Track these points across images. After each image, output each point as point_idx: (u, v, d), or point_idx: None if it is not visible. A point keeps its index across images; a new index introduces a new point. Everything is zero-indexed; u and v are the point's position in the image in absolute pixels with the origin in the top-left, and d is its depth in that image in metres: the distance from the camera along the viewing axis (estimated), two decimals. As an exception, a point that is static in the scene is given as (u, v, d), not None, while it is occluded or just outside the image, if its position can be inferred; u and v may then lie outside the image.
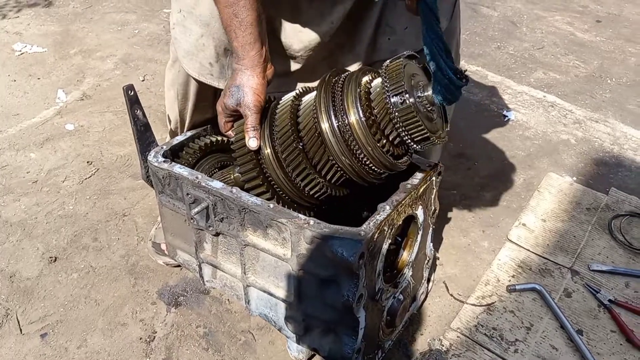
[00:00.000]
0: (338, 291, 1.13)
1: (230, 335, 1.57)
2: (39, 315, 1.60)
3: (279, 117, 1.20)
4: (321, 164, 1.15)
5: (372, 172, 1.15)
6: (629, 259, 1.84)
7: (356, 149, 1.11)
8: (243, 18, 1.16)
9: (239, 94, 1.21)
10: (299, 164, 1.16)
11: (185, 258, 1.46)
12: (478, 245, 1.91)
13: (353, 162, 1.13)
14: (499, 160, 2.34)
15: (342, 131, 1.11)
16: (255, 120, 1.20)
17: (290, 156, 1.16)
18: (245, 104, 1.21)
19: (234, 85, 1.22)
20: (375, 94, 1.09)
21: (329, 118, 1.11)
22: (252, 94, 1.20)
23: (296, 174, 1.18)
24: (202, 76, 1.41)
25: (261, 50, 1.21)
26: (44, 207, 1.98)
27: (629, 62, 3.22)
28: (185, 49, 1.40)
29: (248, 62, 1.21)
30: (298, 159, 1.16)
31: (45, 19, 3.38)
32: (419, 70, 1.14)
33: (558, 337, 1.58)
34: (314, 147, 1.14)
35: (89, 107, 2.56)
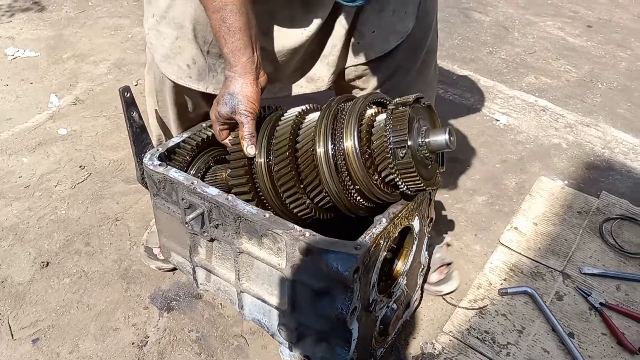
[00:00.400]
0: (332, 303, 1.12)
1: (222, 340, 1.57)
2: (30, 321, 1.59)
3: (279, 130, 1.20)
4: (311, 186, 1.16)
5: (359, 203, 1.16)
6: (619, 262, 1.85)
7: (347, 179, 1.12)
8: (231, 23, 1.16)
9: (233, 102, 1.20)
10: (289, 180, 1.16)
11: (179, 260, 1.46)
12: (470, 249, 1.92)
13: (341, 192, 1.14)
14: (491, 164, 2.35)
15: (336, 159, 1.12)
16: (251, 127, 1.20)
17: (282, 171, 1.16)
18: (240, 112, 1.20)
19: (227, 93, 1.21)
20: (376, 136, 1.10)
21: (325, 144, 1.12)
22: (246, 102, 1.20)
23: (284, 189, 1.18)
24: (180, 79, 1.40)
25: (252, 57, 1.20)
26: (36, 211, 1.97)
27: (619, 67, 3.25)
28: (162, 53, 1.39)
29: (240, 69, 1.20)
30: (289, 175, 1.16)
31: (38, 24, 3.37)
32: (424, 114, 1.16)
33: (550, 340, 1.59)
34: (307, 169, 1.15)
35: (81, 112, 2.55)
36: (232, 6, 1.14)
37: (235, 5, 1.14)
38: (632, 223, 2.01)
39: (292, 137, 1.17)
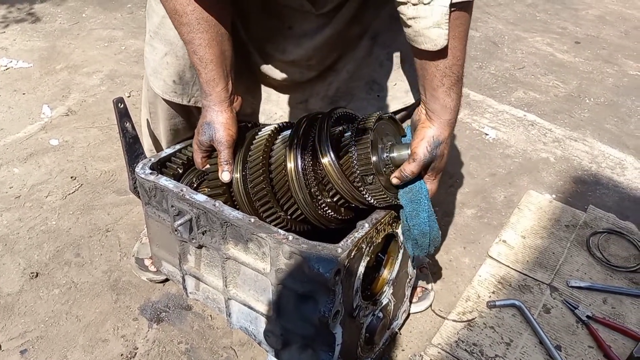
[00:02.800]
0: (315, 307, 1.14)
1: (212, 352, 1.57)
2: (19, 331, 1.59)
3: (254, 147, 1.25)
4: (284, 200, 1.21)
5: (329, 216, 1.21)
6: (606, 276, 1.87)
7: (317, 195, 1.18)
8: (202, 56, 1.18)
9: (211, 131, 1.24)
10: (263, 196, 1.21)
11: (170, 269, 1.47)
12: (459, 262, 1.93)
13: (311, 206, 1.19)
14: (480, 178, 2.38)
15: (306, 176, 1.17)
16: (227, 154, 1.24)
17: (256, 187, 1.21)
18: (217, 140, 1.24)
19: (205, 123, 1.25)
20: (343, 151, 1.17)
21: (295, 160, 1.17)
22: (222, 130, 1.23)
23: (260, 203, 1.22)
24: (166, 94, 1.43)
25: (227, 86, 1.24)
26: (26, 222, 1.97)
27: (606, 83, 3.30)
28: (152, 67, 1.42)
29: (215, 98, 1.23)
30: (263, 191, 1.21)
31: (31, 35, 3.39)
32: (388, 127, 1.23)
33: (537, 353, 1.60)
34: (280, 183, 1.20)
35: (74, 123, 2.56)
36: (200, 40, 1.16)
37: (203, 39, 1.16)
38: (619, 237, 2.03)
39: (266, 153, 1.22)
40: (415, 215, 1.21)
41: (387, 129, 1.22)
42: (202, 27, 1.15)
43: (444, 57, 1.08)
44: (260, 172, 1.20)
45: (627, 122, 2.89)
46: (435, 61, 1.09)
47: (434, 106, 1.14)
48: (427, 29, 1.04)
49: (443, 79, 1.11)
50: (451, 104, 1.14)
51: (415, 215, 1.21)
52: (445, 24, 1.03)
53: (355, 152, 1.12)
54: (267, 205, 1.22)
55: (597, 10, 4.48)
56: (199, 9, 1.13)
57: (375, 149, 1.16)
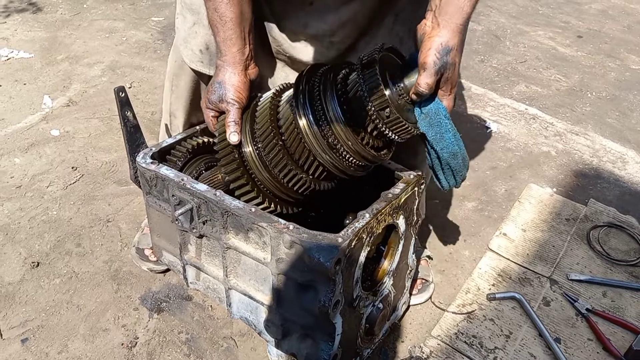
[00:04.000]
0: (315, 296, 1.14)
1: (212, 342, 1.57)
2: (20, 320, 1.59)
3: (259, 115, 1.21)
4: (302, 160, 1.16)
5: (354, 165, 1.16)
6: (606, 269, 1.88)
7: (336, 144, 1.12)
8: (222, 12, 1.18)
9: (221, 90, 1.23)
10: (280, 160, 1.17)
11: (170, 259, 1.47)
12: (459, 254, 1.93)
13: (334, 158, 1.14)
14: (481, 171, 2.37)
15: (320, 127, 1.12)
16: (235, 114, 1.22)
17: (271, 153, 1.17)
18: (226, 100, 1.23)
19: (216, 82, 1.24)
20: (352, 92, 1.11)
21: (306, 115, 1.12)
22: (233, 90, 1.22)
23: (279, 170, 1.18)
24: (192, 63, 1.43)
25: (243, 49, 1.23)
26: (27, 212, 1.97)
27: (608, 77, 3.29)
28: (182, 36, 1.44)
29: (229, 59, 1.23)
30: (279, 155, 1.17)
31: (32, 25, 3.38)
32: (394, 60, 1.17)
33: (536, 345, 1.60)
34: (295, 144, 1.15)
35: (74, 113, 2.56)
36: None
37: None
38: (619, 230, 2.04)
39: (273, 118, 1.18)
40: (440, 139, 1.15)
41: (392, 61, 1.17)
42: None
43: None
44: (272, 137, 1.16)
45: (629, 116, 2.89)
46: None
47: (448, 8, 1.09)
48: None
49: None
50: (467, 4, 1.09)
51: (440, 138, 1.15)
52: None
53: (365, 89, 1.06)
54: (287, 170, 1.18)
55: (600, 4, 4.46)
56: None
57: (385, 82, 1.10)
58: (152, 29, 3.43)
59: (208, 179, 1.36)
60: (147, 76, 2.88)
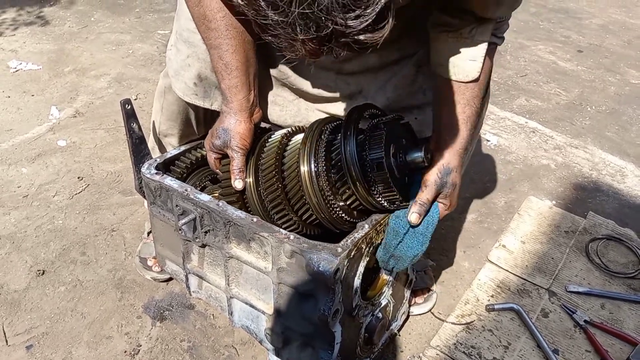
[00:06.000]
0: (315, 305, 1.16)
1: (213, 350, 1.59)
2: (25, 327, 1.62)
3: (266, 152, 1.25)
4: (297, 204, 1.21)
5: (341, 219, 1.21)
6: (604, 281, 1.89)
7: (329, 196, 1.17)
8: (228, 61, 1.19)
9: (226, 137, 1.23)
10: (276, 198, 1.21)
11: (174, 268, 1.50)
12: (459, 265, 1.95)
13: (323, 207, 1.18)
14: (481, 183, 2.40)
15: (319, 178, 1.16)
16: (240, 162, 1.23)
17: (269, 190, 1.21)
18: (231, 147, 1.23)
19: (221, 128, 1.24)
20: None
21: (309, 163, 1.16)
22: (238, 138, 1.23)
23: (272, 206, 1.22)
24: (186, 96, 1.43)
25: (249, 95, 1.24)
26: (33, 221, 2.01)
27: (608, 91, 3.32)
28: (174, 68, 1.44)
29: (235, 106, 1.23)
30: (276, 193, 1.21)
31: (41, 38, 3.44)
32: (404, 133, 1.22)
33: (535, 356, 1.61)
34: (293, 188, 1.19)
35: (81, 124, 2.60)
36: (227, 46, 1.17)
37: (231, 45, 1.17)
38: (618, 243, 2.05)
39: (278, 157, 1.22)
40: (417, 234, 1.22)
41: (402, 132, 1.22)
42: (230, 34, 1.16)
43: (471, 88, 1.14)
44: (273, 176, 1.20)
45: (628, 130, 2.91)
46: (462, 91, 1.15)
47: (448, 135, 1.17)
48: (464, 61, 1.09)
49: (465, 107, 1.17)
50: (466, 133, 1.18)
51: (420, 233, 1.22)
52: (481, 57, 1.10)
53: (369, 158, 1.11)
54: (279, 208, 1.22)
55: (601, 19, 4.51)
56: (229, 16, 1.14)
57: (387, 152, 1.14)
58: (158, 42, 3.49)
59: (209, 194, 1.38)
60: (153, 88, 2.93)
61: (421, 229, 1.22)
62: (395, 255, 1.24)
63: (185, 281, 1.47)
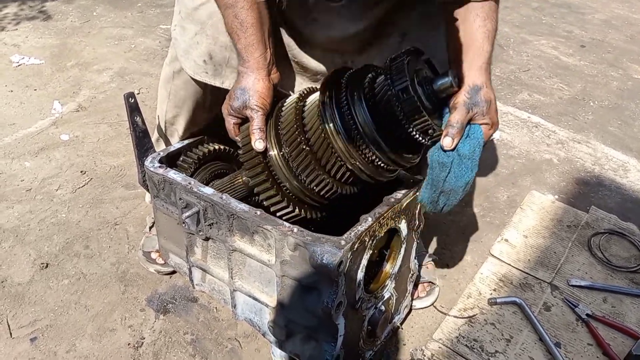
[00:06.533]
0: (318, 298, 1.16)
1: (217, 343, 1.60)
2: (29, 320, 1.62)
3: (284, 119, 1.20)
4: (329, 165, 1.15)
5: (382, 170, 1.15)
6: (607, 275, 1.89)
7: (364, 148, 1.11)
8: (243, 19, 1.18)
9: (245, 97, 1.21)
10: (307, 165, 1.16)
11: (177, 261, 1.50)
12: (461, 259, 1.96)
13: (362, 162, 1.12)
14: (483, 178, 2.40)
15: (348, 132, 1.10)
16: (260, 121, 1.20)
17: (298, 158, 1.16)
18: (250, 106, 1.21)
19: (239, 88, 1.22)
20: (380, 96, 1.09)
21: (334, 119, 1.10)
22: (257, 97, 1.20)
23: (305, 175, 1.17)
24: (197, 74, 1.43)
25: (265, 53, 1.22)
26: (37, 214, 2.01)
27: (611, 86, 3.32)
28: (182, 47, 1.44)
29: (253, 64, 1.21)
30: (306, 160, 1.15)
31: (43, 32, 3.44)
32: (423, 65, 1.15)
33: (537, 350, 1.62)
34: (321, 149, 1.13)
35: (84, 119, 2.60)
36: (243, 2, 1.17)
37: (246, 2, 1.17)
38: (620, 237, 2.05)
39: (299, 121, 1.16)
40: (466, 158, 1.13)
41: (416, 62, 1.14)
42: None
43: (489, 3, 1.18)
44: (298, 141, 1.14)
45: (631, 125, 2.91)
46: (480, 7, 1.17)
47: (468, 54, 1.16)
48: None
49: (485, 21, 1.17)
50: (489, 47, 1.16)
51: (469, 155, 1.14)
52: None
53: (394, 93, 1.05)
54: (313, 175, 1.16)
55: (603, 14, 4.49)
56: None
57: (414, 85, 1.07)
58: (160, 37, 3.49)
59: (229, 182, 1.36)
60: (155, 82, 2.92)
61: (467, 153, 1.13)
62: (445, 190, 1.17)
63: (188, 274, 1.47)
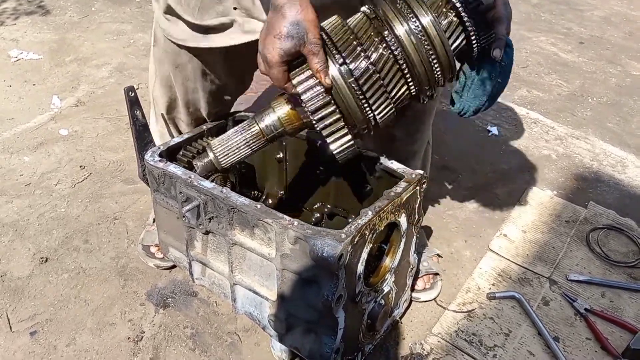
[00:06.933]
0: (318, 291, 1.17)
1: (216, 337, 1.60)
2: (29, 314, 1.63)
3: (339, 39, 1.07)
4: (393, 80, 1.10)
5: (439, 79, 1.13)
6: (605, 270, 1.90)
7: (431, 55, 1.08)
8: None
9: (301, 31, 1.01)
10: (373, 83, 1.08)
11: (177, 255, 1.50)
12: (460, 254, 1.96)
13: (428, 68, 1.10)
14: (482, 173, 2.41)
15: (417, 36, 1.06)
16: (324, 55, 1.04)
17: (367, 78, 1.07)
18: (309, 41, 1.02)
19: (290, 24, 1.01)
20: None
21: (406, 21, 1.06)
22: (314, 28, 1.02)
23: (370, 95, 1.09)
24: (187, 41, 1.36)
25: None
26: (36, 209, 2.01)
27: (609, 83, 3.32)
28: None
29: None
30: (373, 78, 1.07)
31: (42, 27, 3.43)
32: None
33: (535, 344, 1.63)
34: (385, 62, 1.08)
35: (83, 113, 2.60)
36: None
37: None
38: (618, 233, 2.06)
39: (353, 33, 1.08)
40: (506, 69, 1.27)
41: None
42: None
43: None
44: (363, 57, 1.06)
45: (629, 121, 2.92)
46: None
47: None
48: None
49: None
50: None
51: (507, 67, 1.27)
52: None
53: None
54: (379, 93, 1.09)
55: (602, 11, 4.50)
56: None
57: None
58: (159, 32, 3.47)
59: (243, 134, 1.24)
60: (154, 78, 2.92)
61: (509, 61, 1.29)
62: (494, 94, 1.30)
63: (188, 268, 1.48)
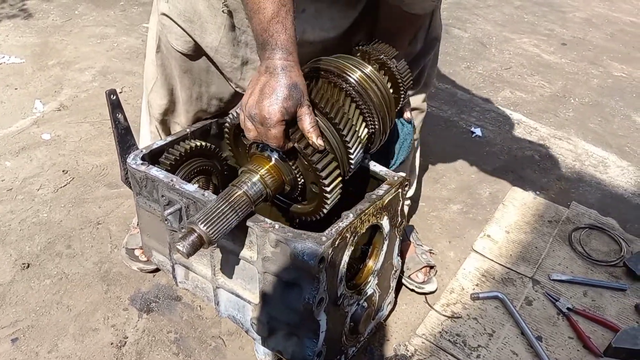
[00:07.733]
0: (300, 294, 1.17)
1: (200, 341, 1.60)
2: (10, 320, 1.61)
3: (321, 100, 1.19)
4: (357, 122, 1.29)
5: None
6: (587, 270, 1.92)
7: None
8: (290, 7, 1.08)
9: (298, 94, 1.08)
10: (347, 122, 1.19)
11: (160, 259, 1.50)
12: (444, 255, 1.97)
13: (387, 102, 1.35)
14: (466, 174, 2.42)
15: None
16: (313, 116, 1.12)
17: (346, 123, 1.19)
18: (303, 104, 1.10)
19: (290, 85, 1.07)
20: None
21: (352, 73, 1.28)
22: (306, 92, 1.11)
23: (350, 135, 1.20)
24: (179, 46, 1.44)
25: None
26: (18, 214, 1.99)
27: (591, 83, 3.36)
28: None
29: (296, 57, 1.10)
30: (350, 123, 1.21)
31: (24, 31, 3.39)
32: None
33: (518, 344, 1.64)
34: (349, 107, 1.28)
35: (65, 118, 2.58)
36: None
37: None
38: (600, 232, 2.09)
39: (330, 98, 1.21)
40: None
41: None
42: None
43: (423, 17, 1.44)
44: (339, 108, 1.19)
45: (611, 121, 2.95)
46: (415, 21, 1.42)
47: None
48: None
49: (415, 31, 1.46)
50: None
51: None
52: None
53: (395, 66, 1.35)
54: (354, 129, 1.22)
55: (584, 13, 4.55)
56: None
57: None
58: (143, 35, 3.45)
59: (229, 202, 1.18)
60: (138, 81, 2.91)
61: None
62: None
63: (171, 272, 1.47)
